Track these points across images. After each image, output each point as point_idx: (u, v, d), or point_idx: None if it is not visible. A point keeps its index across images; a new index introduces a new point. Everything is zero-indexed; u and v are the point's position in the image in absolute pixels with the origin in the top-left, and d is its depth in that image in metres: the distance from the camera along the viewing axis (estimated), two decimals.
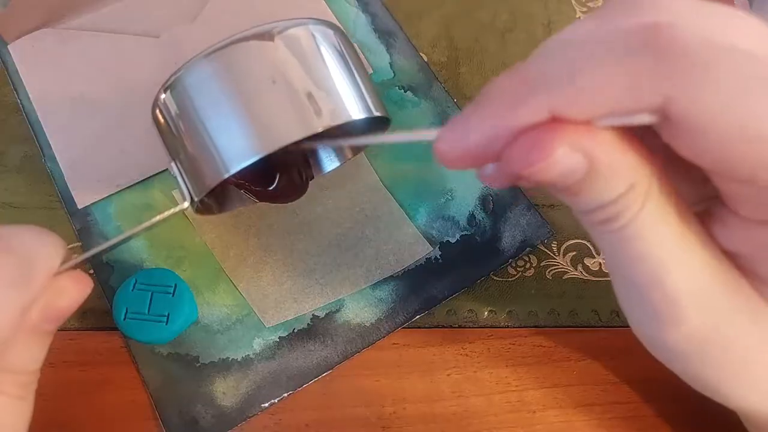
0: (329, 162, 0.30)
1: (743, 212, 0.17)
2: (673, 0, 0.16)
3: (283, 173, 0.27)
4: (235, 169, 0.22)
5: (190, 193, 0.23)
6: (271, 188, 0.27)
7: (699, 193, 0.20)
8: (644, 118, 0.15)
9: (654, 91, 0.15)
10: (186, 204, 0.23)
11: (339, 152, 0.30)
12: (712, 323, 0.18)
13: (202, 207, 0.26)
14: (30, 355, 0.21)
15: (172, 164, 0.23)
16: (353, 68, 0.24)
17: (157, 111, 0.23)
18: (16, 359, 0.20)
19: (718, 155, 0.15)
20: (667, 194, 0.18)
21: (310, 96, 0.22)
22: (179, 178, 0.23)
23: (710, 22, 0.15)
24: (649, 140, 0.17)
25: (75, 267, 0.21)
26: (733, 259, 0.19)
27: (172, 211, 0.23)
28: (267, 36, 0.22)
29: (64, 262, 0.21)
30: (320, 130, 0.22)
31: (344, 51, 0.24)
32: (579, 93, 0.15)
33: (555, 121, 0.15)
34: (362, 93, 0.24)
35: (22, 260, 0.19)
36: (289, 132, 0.22)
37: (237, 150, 0.22)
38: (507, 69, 0.17)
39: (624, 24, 0.15)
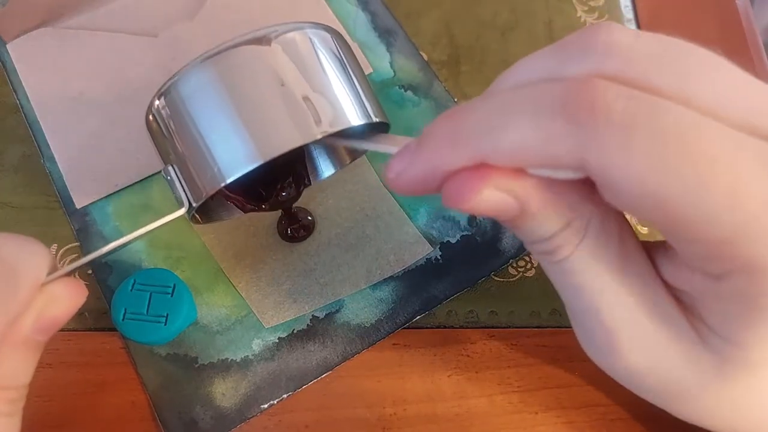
0: (326, 168, 0.30)
1: (682, 259, 0.18)
2: (629, 42, 0.16)
3: (273, 189, 0.27)
4: (233, 177, 0.21)
5: (188, 198, 0.23)
6: (263, 205, 0.27)
7: None
8: (568, 174, 0.17)
9: (569, 154, 0.16)
10: (183, 210, 0.23)
11: (336, 158, 0.30)
12: (647, 358, 0.19)
13: (198, 215, 0.26)
14: (18, 370, 0.20)
15: (170, 168, 0.23)
16: (351, 73, 0.24)
17: (151, 117, 0.23)
18: (4, 374, 0.20)
19: (637, 212, 0.17)
20: (609, 230, 0.18)
21: (308, 102, 0.22)
22: (177, 183, 0.23)
23: (663, 69, 0.16)
24: None
25: (70, 273, 0.21)
26: (676, 293, 0.19)
27: (169, 217, 0.23)
28: (263, 41, 0.22)
29: (51, 271, 0.20)
30: (319, 137, 0.22)
31: (342, 55, 0.24)
32: (499, 146, 0.16)
33: (483, 166, 0.17)
34: (361, 98, 0.23)
35: (5, 272, 0.18)
36: (287, 139, 0.21)
37: (235, 158, 0.21)
38: (451, 108, 0.19)
39: (569, 69, 0.17)
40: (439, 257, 0.30)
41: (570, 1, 0.37)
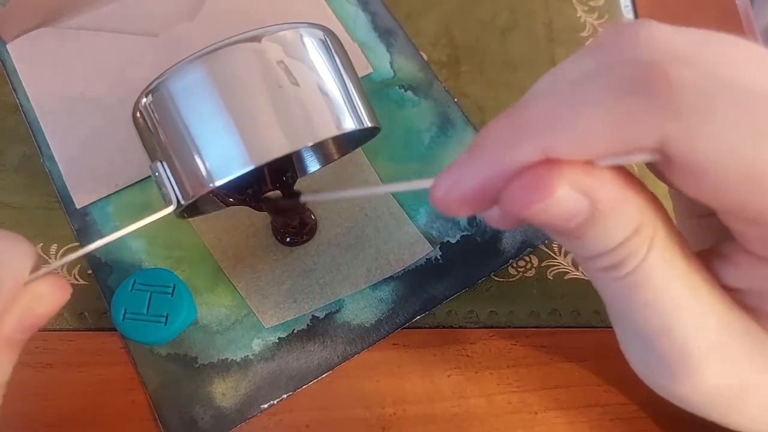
0: (312, 163, 0.29)
1: (753, 249, 0.17)
2: (670, 34, 0.15)
3: (259, 186, 0.27)
4: (223, 180, 0.21)
5: (177, 196, 0.22)
6: (248, 200, 0.27)
7: (705, 230, 0.19)
8: (644, 156, 0.15)
9: (650, 133, 0.14)
10: (172, 208, 0.22)
11: (324, 154, 0.30)
12: (725, 372, 0.18)
13: (184, 212, 0.25)
14: None
15: (158, 165, 0.22)
16: (345, 75, 0.23)
17: (138, 114, 0.23)
18: None
19: (721, 196, 0.15)
20: (672, 236, 0.17)
21: (301, 106, 0.21)
22: (166, 180, 0.22)
23: (710, 57, 0.15)
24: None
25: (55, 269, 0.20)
26: (736, 295, 0.18)
27: (157, 215, 0.22)
28: (256, 42, 0.21)
29: (35, 268, 0.19)
30: (310, 143, 0.22)
31: (336, 57, 0.23)
32: (573, 135, 0.15)
33: (551, 161, 0.15)
34: (354, 102, 0.23)
35: None
36: (279, 145, 0.21)
37: (226, 161, 0.21)
38: (501, 111, 0.16)
39: (618, 62, 0.15)
40: (439, 257, 0.30)
41: (570, 1, 0.37)
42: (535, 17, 0.37)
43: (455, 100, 0.33)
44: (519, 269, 0.30)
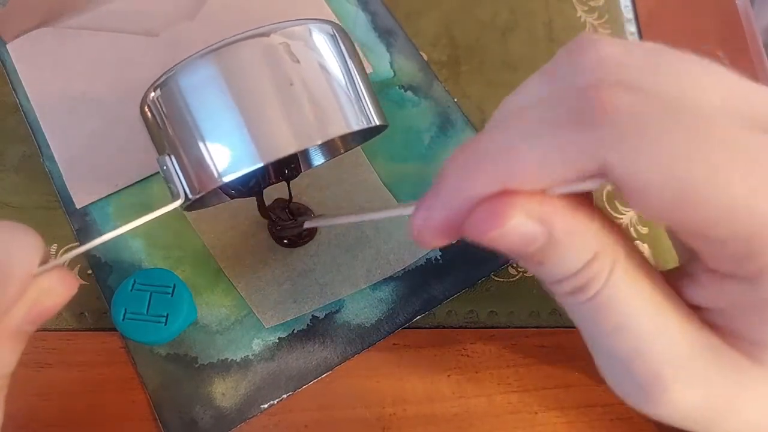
0: (317, 157, 0.29)
1: (713, 266, 0.17)
2: (619, 54, 0.16)
3: (265, 180, 0.27)
4: (230, 177, 0.21)
5: (185, 190, 0.22)
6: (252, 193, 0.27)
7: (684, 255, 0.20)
8: (592, 184, 0.16)
9: (592, 160, 0.15)
10: (180, 201, 0.22)
11: (328, 148, 0.30)
12: (698, 392, 0.18)
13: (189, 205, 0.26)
14: (5, 359, 0.20)
15: (166, 158, 0.22)
16: (354, 71, 0.23)
17: (146, 108, 0.23)
18: None
19: (666, 216, 0.16)
20: (635, 259, 0.18)
21: (311, 103, 0.21)
22: (174, 174, 0.22)
23: (656, 77, 0.15)
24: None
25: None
26: (702, 314, 0.18)
27: (164, 209, 0.22)
28: (265, 37, 0.21)
29: (43, 261, 0.20)
30: (320, 142, 0.22)
31: (345, 53, 0.23)
32: (522, 166, 0.15)
33: (507, 191, 0.16)
34: (362, 99, 0.23)
35: None
36: (287, 143, 0.21)
37: (234, 158, 0.21)
38: (464, 143, 0.17)
39: (563, 89, 0.16)
40: (439, 257, 0.30)
41: (570, 1, 0.37)
42: (535, 17, 0.37)
43: (455, 100, 0.33)
44: (519, 269, 0.30)
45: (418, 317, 0.29)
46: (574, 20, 0.37)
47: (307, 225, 0.27)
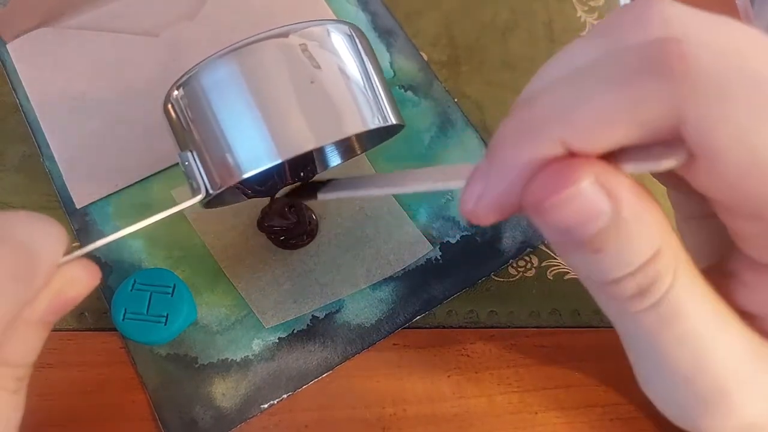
0: (333, 157, 0.30)
1: (752, 252, 0.16)
2: (683, 13, 0.15)
3: (282, 179, 0.27)
4: (250, 173, 0.21)
5: (205, 185, 0.23)
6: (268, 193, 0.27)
7: (704, 231, 0.19)
8: (670, 162, 0.14)
9: (664, 111, 0.14)
10: (201, 197, 0.23)
11: (345, 149, 0.30)
12: (762, 405, 0.17)
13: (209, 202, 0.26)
14: (28, 348, 0.20)
15: (188, 154, 0.23)
16: (371, 71, 0.24)
17: (169, 106, 0.23)
18: (14, 352, 0.20)
19: (728, 185, 0.14)
20: (691, 262, 0.16)
21: (329, 101, 0.22)
22: (195, 170, 0.23)
23: (722, 39, 0.14)
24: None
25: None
26: (749, 321, 0.17)
27: (186, 203, 0.23)
28: (284, 38, 0.22)
29: (66, 250, 0.20)
30: (338, 139, 0.22)
31: (362, 52, 0.24)
32: (588, 121, 0.14)
33: (574, 155, 0.14)
34: (379, 98, 0.23)
35: (23, 252, 0.18)
36: (306, 140, 0.21)
37: (253, 154, 0.22)
38: (501, 111, 0.16)
39: (631, 41, 0.14)
40: (439, 257, 0.30)
41: (570, 1, 0.37)
42: (535, 17, 0.37)
43: (455, 100, 0.33)
44: (519, 269, 0.30)
45: (418, 317, 0.29)
46: (574, 20, 0.37)
47: (322, 197, 0.26)
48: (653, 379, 0.18)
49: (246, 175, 0.22)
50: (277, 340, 0.28)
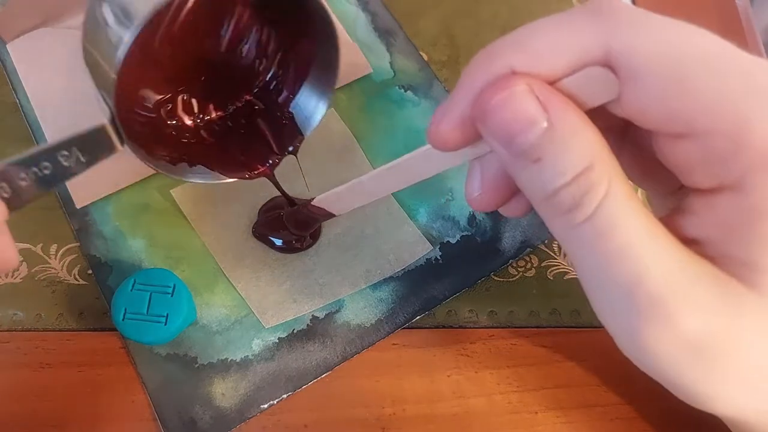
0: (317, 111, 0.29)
1: (698, 182, 0.18)
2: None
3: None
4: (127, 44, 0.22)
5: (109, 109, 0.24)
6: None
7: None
8: (603, 93, 0.17)
9: (594, 39, 0.17)
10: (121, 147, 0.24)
11: (319, 97, 0.29)
12: (699, 317, 0.17)
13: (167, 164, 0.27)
14: None
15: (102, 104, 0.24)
16: None
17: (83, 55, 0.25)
18: None
19: (658, 101, 0.17)
20: (627, 183, 0.17)
21: None
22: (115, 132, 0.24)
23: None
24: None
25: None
26: (696, 248, 0.18)
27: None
28: None
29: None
30: None
31: None
32: (530, 46, 0.17)
33: (516, 71, 0.17)
34: None
35: None
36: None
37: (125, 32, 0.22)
38: None
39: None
40: (439, 257, 0.30)
41: (569, 1, 0.37)
42: (535, 16, 0.36)
43: None
44: (519, 269, 0.30)
45: (418, 317, 0.29)
46: None
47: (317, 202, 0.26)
48: (598, 298, 0.19)
49: (123, 49, 0.22)
50: (277, 340, 0.28)
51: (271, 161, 0.28)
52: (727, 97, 0.16)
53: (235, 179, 0.28)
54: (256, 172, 0.28)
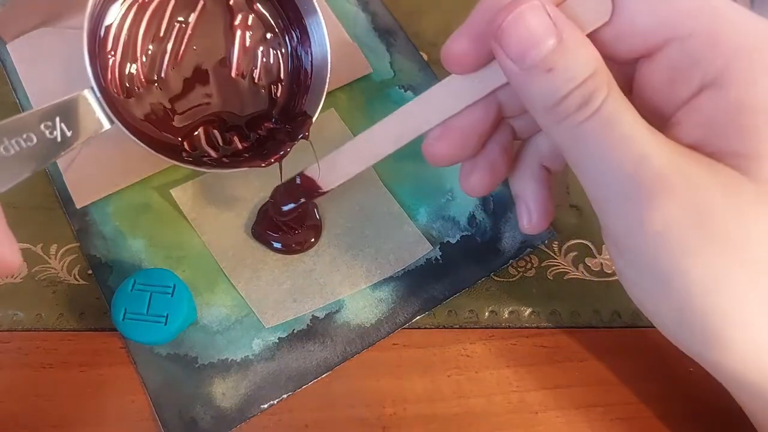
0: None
1: (681, 91, 0.20)
2: None
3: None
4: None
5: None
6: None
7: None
8: (601, 11, 0.20)
9: None
10: (108, 124, 0.25)
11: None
12: (702, 196, 0.19)
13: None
14: None
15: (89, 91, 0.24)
16: None
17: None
18: None
19: (647, 13, 0.19)
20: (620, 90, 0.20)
21: None
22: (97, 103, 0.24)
23: None
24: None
25: None
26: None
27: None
28: None
29: None
30: None
31: None
32: None
33: None
34: None
35: None
36: None
37: None
38: None
39: None
40: (439, 257, 0.30)
41: None
42: None
43: None
44: (519, 269, 0.30)
45: (418, 317, 0.29)
46: None
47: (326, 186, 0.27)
48: (603, 187, 0.20)
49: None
50: (277, 340, 0.28)
51: (282, 151, 0.28)
52: (707, 2, 0.19)
53: (249, 168, 0.28)
54: (271, 160, 0.28)
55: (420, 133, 0.24)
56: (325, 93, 0.29)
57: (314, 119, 0.29)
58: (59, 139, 0.23)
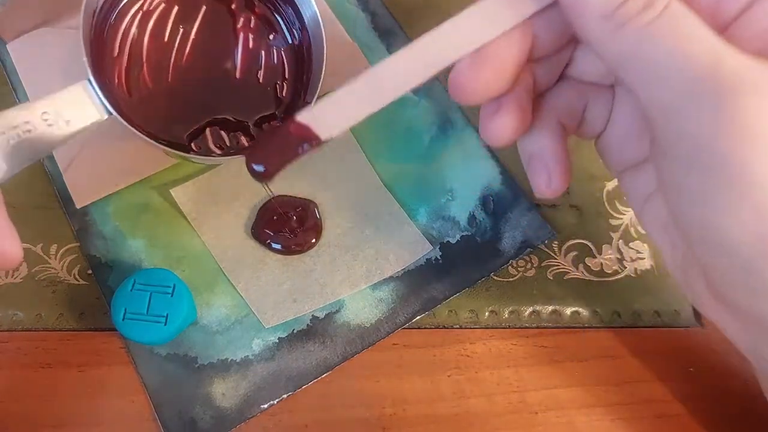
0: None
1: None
2: None
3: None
4: None
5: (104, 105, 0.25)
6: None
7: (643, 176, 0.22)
8: None
9: None
10: (105, 115, 0.25)
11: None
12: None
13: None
14: None
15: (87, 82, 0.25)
16: None
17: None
18: None
19: None
20: None
21: None
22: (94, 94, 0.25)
23: None
24: None
25: None
26: None
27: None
28: None
29: None
30: None
31: None
32: None
33: None
34: None
35: None
36: None
37: None
38: None
39: None
40: (439, 257, 0.30)
41: None
42: None
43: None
44: (519, 269, 0.30)
45: (418, 317, 0.29)
46: None
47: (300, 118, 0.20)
48: (666, 94, 0.19)
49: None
50: (277, 340, 0.28)
51: None
52: None
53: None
54: None
55: (450, 62, 0.21)
56: (321, 80, 0.29)
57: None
58: (56, 127, 0.23)
